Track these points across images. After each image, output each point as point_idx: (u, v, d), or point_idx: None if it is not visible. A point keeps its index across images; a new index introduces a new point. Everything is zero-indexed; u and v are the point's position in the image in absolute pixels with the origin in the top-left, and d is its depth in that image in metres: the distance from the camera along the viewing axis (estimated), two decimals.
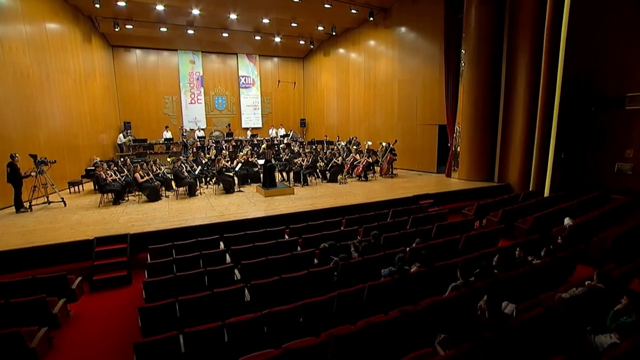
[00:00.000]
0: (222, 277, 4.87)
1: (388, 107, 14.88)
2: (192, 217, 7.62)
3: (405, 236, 6.25)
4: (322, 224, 6.94)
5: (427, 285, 4.51)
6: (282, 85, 19.93)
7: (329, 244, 5.61)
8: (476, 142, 11.14)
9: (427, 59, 12.96)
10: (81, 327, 4.45)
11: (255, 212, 7.99)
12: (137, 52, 16.66)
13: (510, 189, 10.67)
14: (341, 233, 6.49)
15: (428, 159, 13.48)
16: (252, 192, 10.29)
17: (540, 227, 6.77)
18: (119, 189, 9.07)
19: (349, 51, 16.83)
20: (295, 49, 18.61)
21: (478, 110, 10.92)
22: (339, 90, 17.75)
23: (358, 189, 10.66)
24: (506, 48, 10.30)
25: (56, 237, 6.27)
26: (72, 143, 11.53)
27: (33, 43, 9.68)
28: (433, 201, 9.37)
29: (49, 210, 8.36)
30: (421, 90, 13.35)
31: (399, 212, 7.92)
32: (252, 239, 6.22)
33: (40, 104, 9.92)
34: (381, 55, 15.00)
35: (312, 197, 9.53)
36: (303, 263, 5.35)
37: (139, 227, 6.89)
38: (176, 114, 17.86)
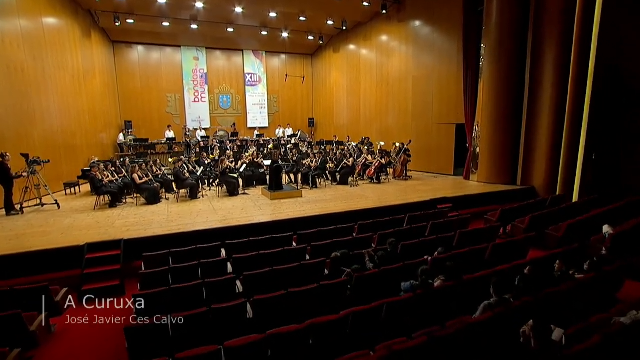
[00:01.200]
0: (222, 290, 4.49)
1: (401, 105, 14.43)
2: (193, 221, 7.27)
3: (425, 244, 5.81)
4: (333, 230, 6.53)
5: (454, 302, 4.07)
6: (290, 83, 19.61)
7: (341, 253, 5.21)
8: (497, 142, 10.64)
9: (444, 55, 12.50)
10: (63, 346, 4.10)
11: (260, 216, 7.61)
12: (139, 48, 16.47)
13: (535, 193, 10.14)
14: (354, 240, 6.07)
15: (444, 160, 12.99)
16: (257, 195, 9.93)
17: (574, 236, 6.26)
18: (116, 190, 8.77)
19: (360, 47, 16.44)
20: (304, 45, 18.27)
21: (499, 109, 10.42)
22: (350, 88, 17.35)
23: (370, 192, 10.23)
24: (531, 41, 9.79)
25: (44, 243, 5.95)
26: (69, 142, 11.30)
27: (28, 37, 9.47)
28: (452, 205, 8.90)
29: (41, 213, 8.09)
30: (437, 88, 12.88)
31: (416, 218, 7.48)
32: (256, 247, 5.84)
33: (35, 100, 9.69)
34: (394, 50, 14.58)
35: (322, 200, 9.12)
36: (312, 274, 4.95)
37: (134, 232, 6.56)
38: (179, 112, 17.63)
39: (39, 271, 5.51)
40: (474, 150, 11.41)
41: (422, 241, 5.85)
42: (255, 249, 5.73)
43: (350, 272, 4.54)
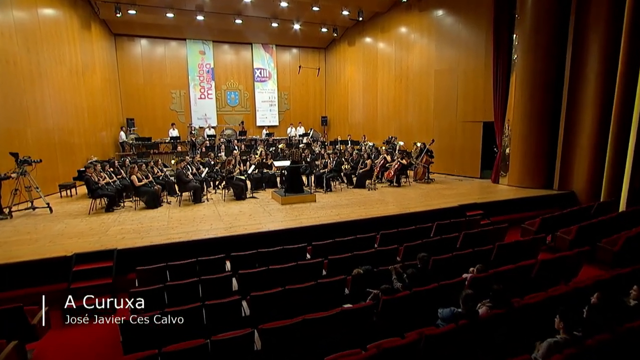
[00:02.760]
0: (225, 314, 3.97)
1: (422, 102, 13.80)
2: (195, 228, 6.79)
3: (459, 260, 5.21)
4: (352, 241, 5.97)
5: (506, 335, 3.46)
6: (302, 79, 19.11)
7: (364, 269, 4.65)
8: (531, 142, 9.96)
9: (470, 47, 11.84)
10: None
11: (270, 223, 7.09)
12: (142, 41, 16.12)
13: (575, 199, 9.43)
14: (376, 254, 5.50)
15: (470, 161, 12.32)
16: (266, 199, 9.43)
17: (634, 251, 5.60)
18: (113, 193, 8.35)
19: (377, 39, 15.84)
20: (317, 37, 17.73)
21: (534, 105, 9.74)
22: (366, 83, 16.76)
23: (390, 196, 9.64)
24: (573, 29, 9.09)
25: (29, 252, 5.53)
26: (66, 141, 10.96)
27: (22, 28, 9.14)
28: (483, 212, 8.26)
29: (32, 217, 7.71)
30: (462, 83, 12.22)
31: (445, 227, 6.89)
32: (265, 260, 5.31)
33: (29, 96, 9.35)
34: (415, 43, 13.95)
35: (337, 205, 8.57)
36: (331, 295, 4.41)
37: (129, 241, 6.10)
38: (184, 110, 17.25)
39: (19, 285, 5.09)
40: (504, 150, 10.73)
41: (456, 255, 5.24)
42: (264, 262, 5.22)
43: (378, 295, 3.98)
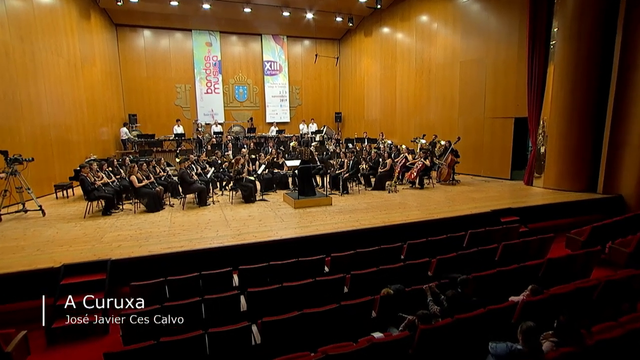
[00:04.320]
0: (232, 343, 3.46)
1: (446, 96, 13.17)
2: (199, 236, 6.33)
3: (503, 277, 4.64)
4: (376, 252, 5.44)
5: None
6: (315, 73, 18.62)
7: (395, 289, 4.11)
8: (571, 139, 9.30)
9: (501, 35, 11.18)
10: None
11: (282, 230, 6.59)
12: (145, 32, 15.76)
13: (623, 204, 8.73)
14: (405, 268, 4.96)
15: (499, 161, 11.66)
16: (278, 202, 8.95)
17: None
18: (111, 195, 7.94)
19: (397, 29, 15.24)
20: (331, 27, 17.16)
21: (575, 99, 9.08)
22: (383, 77, 16.17)
23: (413, 199, 9.07)
24: (624, 13, 8.37)
25: (13, 262, 5.13)
26: (63, 138, 10.64)
27: (15, 16, 8.83)
28: (519, 219, 7.64)
29: (23, 221, 7.34)
30: (491, 75, 11.57)
31: (479, 236, 6.31)
32: (278, 274, 4.84)
33: (23, 89, 9.02)
34: (437, 33, 13.33)
35: (356, 210, 8.04)
36: (356, 320, 3.89)
37: (126, 250, 5.66)
38: (190, 105, 16.87)
39: (2, 300, 4.67)
40: (538, 149, 10.08)
41: (500, 272, 4.66)
42: (277, 277, 4.73)
43: (414, 322, 3.44)
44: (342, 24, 16.35)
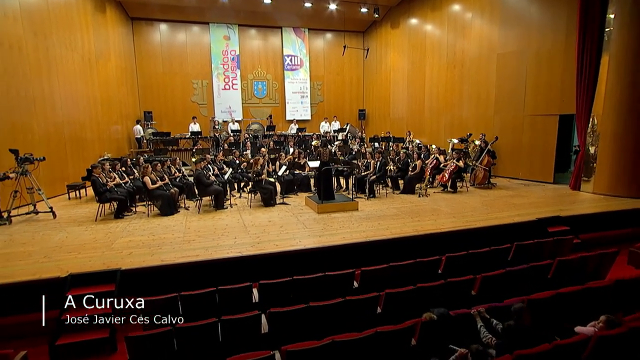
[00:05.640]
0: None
1: (480, 92, 12.57)
2: (216, 243, 6.04)
3: (564, 302, 4.13)
4: (411, 266, 5.01)
5: None
6: (337, 67, 18.23)
7: (439, 314, 3.66)
8: (628, 139, 8.68)
9: (545, 23, 10.51)
10: None
11: (305, 238, 6.23)
12: (161, 26, 15.70)
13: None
14: (446, 287, 4.50)
15: (540, 162, 11.00)
16: (299, 205, 8.62)
17: None
18: (124, 197, 7.76)
19: (426, 20, 14.70)
20: (355, 19, 16.70)
21: (634, 93, 8.42)
22: (411, 72, 15.64)
23: (446, 204, 8.58)
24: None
25: (17, 271, 4.94)
26: (77, 135, 10.61)
27: (28, 10, 8.77)
28: (569, 229, 7.07)
29: (32, 223, 7.23)
30: (533, 68, 10.91)
31: (527, 249, 5.78)
32: (302, 290, 4.48)
33: (36, 85, 8.98)
34: (472, 23, 12.73)
35: (384, 216, 7.62)
36: (394, 349, 3.48)
37: (137, 258, 5.41)
38: (206, 102, 16.74)
39: (2, 312, 4.48)
40: (587, 150, 9.41)
41: (559, 296, 4.15)
42: (301, 294, 4.38)
43: (466, 357, 3.01)
44: (367, 15, 15.87)
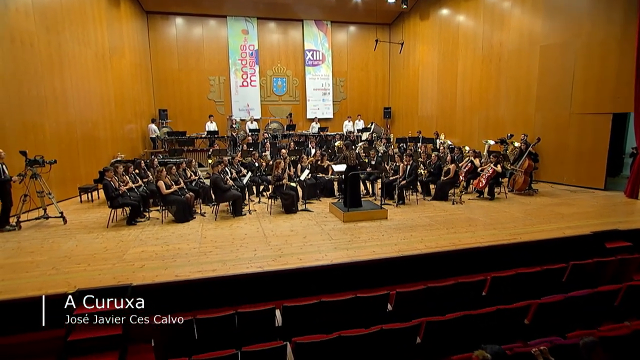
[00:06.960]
0: None
1: (520, 88, 11.98)
2: (234, 255, 5.77)
3: None
4: (452, 287, 4.61)
5: None
6: (361, 62, 17.89)
7: (493, 352, 3.26)
8: None
9: (597, 11, 9.81)
10: None
11: (331, 251, 5.90)
12: (177, 20, 15.66)
13: None
14: (496, 315, 4.10)
15: (588, 166, 10.34)
16: (322, 213, 8.29)
17: None
18: (137, 202, 7.59)
19: (459, 11, 14.16)
20: (381, 10, 16.23)
21: None
22: (442, 67, 15.13)
23: (483, 214, 8.10)
24: None
25: (22, 285, 4.76)
26: (89, 135, 10.60)
27: (40, 4, 8.76)
28: (631, 245, 6.51)
29: (42, 229, 7.13)
30: (583, 61, 10.25)
31: (585, 270, 5.31)
32: (331, 314, 4.15)
33: (48, 83, 8.98)
34: (510, 12, 12.15)
35: (416, 225, 7.22)
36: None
37: (149, 272, 5.18)
38: (224, 99, 16.64)
39: (6, 331, 4.31)
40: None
41: (636, 333, 3.70)
42: (329, 318, 4.07)
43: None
44: (394, 5, 15.43)
